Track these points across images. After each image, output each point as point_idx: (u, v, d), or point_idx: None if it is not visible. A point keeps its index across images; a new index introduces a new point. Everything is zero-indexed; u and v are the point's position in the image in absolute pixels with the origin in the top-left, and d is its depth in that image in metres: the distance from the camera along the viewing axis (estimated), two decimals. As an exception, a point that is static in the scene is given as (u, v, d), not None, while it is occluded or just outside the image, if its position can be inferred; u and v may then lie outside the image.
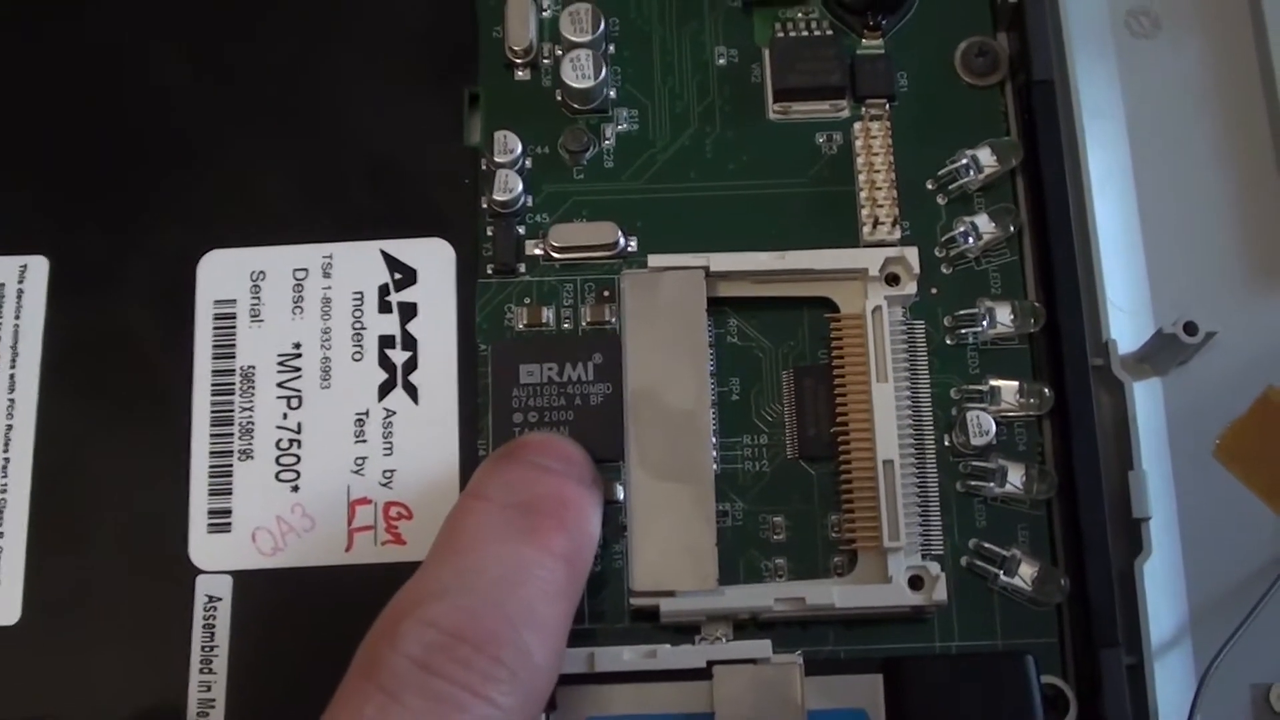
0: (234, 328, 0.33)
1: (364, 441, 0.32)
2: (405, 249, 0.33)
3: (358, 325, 0.33)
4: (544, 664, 0.27)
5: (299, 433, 0.32)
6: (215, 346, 0.33)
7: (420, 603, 0.27)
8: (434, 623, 0.26)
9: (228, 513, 0.32)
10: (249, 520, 0.32)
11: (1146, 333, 0.33)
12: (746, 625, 0.31)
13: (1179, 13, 0.36)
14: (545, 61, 0.34)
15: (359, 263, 0.33)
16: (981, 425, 0.31)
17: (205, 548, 0.32)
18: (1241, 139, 0.35)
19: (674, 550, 0.30)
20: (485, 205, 0.33)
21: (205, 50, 0.35)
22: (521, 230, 0.33)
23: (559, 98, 0.34)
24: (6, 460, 0.33)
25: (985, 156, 0.33)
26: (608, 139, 0.34)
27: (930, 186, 0.33)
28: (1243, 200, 0.35)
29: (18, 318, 0.33)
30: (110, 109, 0.35)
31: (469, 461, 0.32)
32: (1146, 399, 0.33)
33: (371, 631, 0.27)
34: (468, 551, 0.28)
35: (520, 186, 0.33)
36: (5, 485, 0.32)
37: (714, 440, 0.31)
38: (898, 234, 0.33)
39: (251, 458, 0.32)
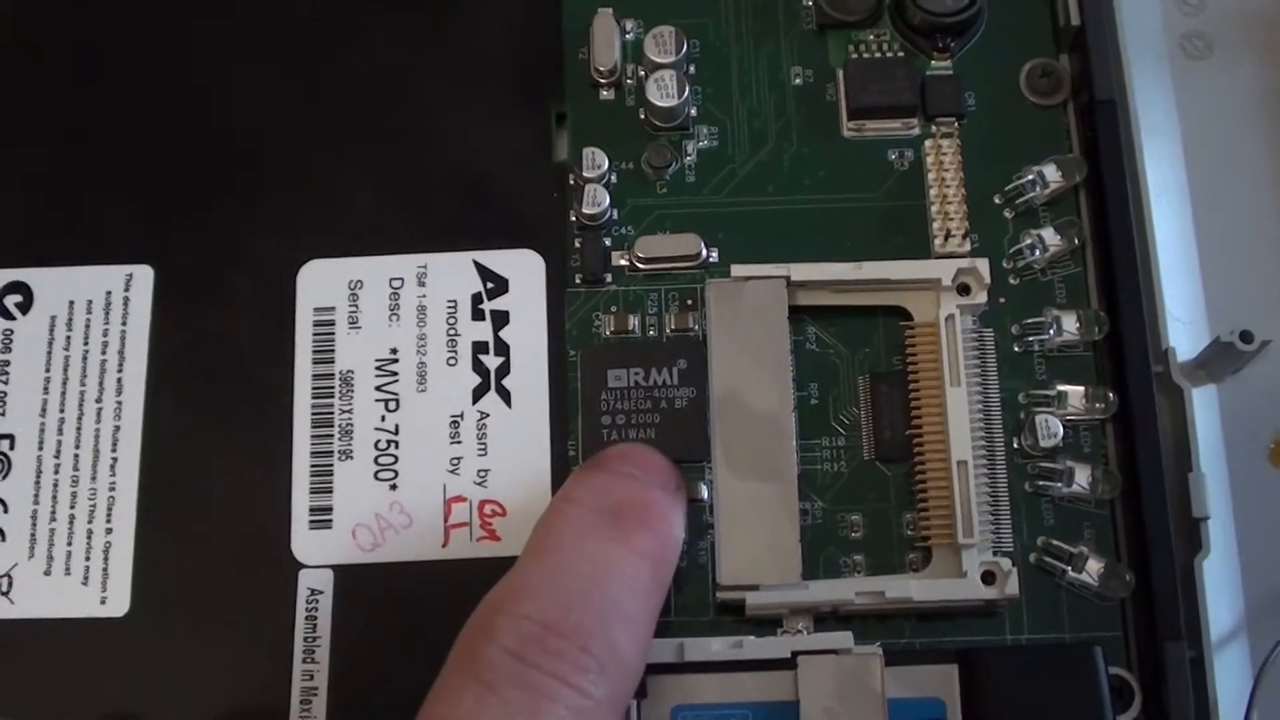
0: (333, 334, 0.35)
1: (459, 442, 0.34)
2: (497, 259, 0.35)
3: (452, 332, 0.34)
4: (631, 657, 0.28)
5: (396, 434, 0.34)
6: (315, 352, 0.34)
7: (514, 598, 0.28)
8: (527, 616, 0.28)
9: (329, 510, 0.33)
10: (349, 517, 0.33)
11: (1203, 341, 0.35)
12: (826, 619, 0.32)
13: (1231, 36, 0.38)
14: (629, 82, 0.36)
15: (453, 272, 0.35)
16: (1050, 428, 0.33)
17: (307, 543, 0.33)
18: (1293, 154, 0.37)
19: (759, 546, 0.32)
20: (574, 218, 0.35)
21: (307, 71, 0.37)
22: (608, 242, 0.35)
23: (642, 116, 0.36)
24: (115, 459, 0.34)
25: (1050, 172, 0.34)
26: (689, 155, 0.35)
27: (998, 201, 0.35)
28: (1295, 214, 0.37)
29: (124, 324, 0.35)
30: (215, 126, 0.36)
31: (560, 461, 0.33)
32: (1204, 405, 0.35)
33: (467, 626, 0.28)
34: (558, 550, 0.29)
35: (607, 200, 0.35)
36: (114, 484, 0.34)
37: (795, 442, 0.33)
38: (968, 246, 0.34)
39: (351, 458, 0.34)
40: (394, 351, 0.34)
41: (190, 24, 0.37)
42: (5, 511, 0.34)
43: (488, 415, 0.34)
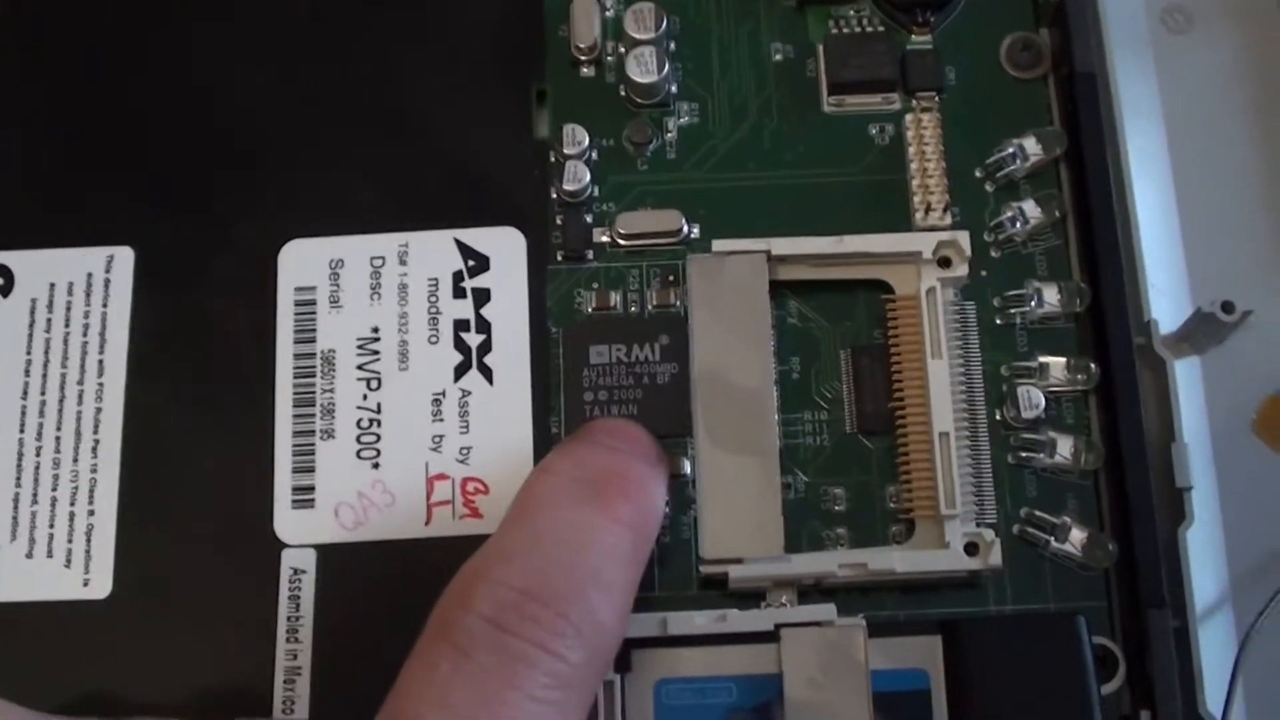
0: (314, 313, 0.34)
1: (441, 420, 0.34)
2: (478, 237, 0.35)
3: (433, 310, 0.34)
4: (609, 623, 0.28)
5: (378, 412, 0.34)
6: (297, 331, 0.34)
7: (492, 565, 0.28)
8: (504, 582, 0.27)
9: (311, 489, 0.33)
10: (331, 496, 0.33)
11: (1185, 313, 0.35)
12: (809, 592, 0.32)
13: (1211, 10, 0.38)
14: (609, 59, 0.36)
15: (434, 251, 0.35)
16: (1032, 399, 0.33)
17: (290, 523, 0.33)
18: (1272, 126, 0.37)
19: (742, 520, 0.32)
20: (555, 195, 0.35)
21: (288, 50, 0.37)
22: (589, 219, 0.35)
23: (623, 93, 0.36)
24: (96, 441, 0.34)
25: (1031, 145, 0.34)
26: (670, 131, 0.35)
27: (979, 174, 0.35)
28: (1275, 185, 0.36)
29: (105, 306, 0.35)
30: (195, 107, 0.36)
31: (542, 438, 0.33)
32: (1187, 376, 0.35)
33: (445, 593, 0.28)
34: (536, 518, 0.29)
35: (588, 177, 0.35)
36: (95, 465, 0.34)
37: (777, 416, 0.33)
38: (949, 219, 0.34)
39: (333, 437, 0.34)
40: (375, 330, 0.34)
41: (176, 10, 0.37)
42: (-13, 494, 0.34)
43: (469, 393, 0.34)
